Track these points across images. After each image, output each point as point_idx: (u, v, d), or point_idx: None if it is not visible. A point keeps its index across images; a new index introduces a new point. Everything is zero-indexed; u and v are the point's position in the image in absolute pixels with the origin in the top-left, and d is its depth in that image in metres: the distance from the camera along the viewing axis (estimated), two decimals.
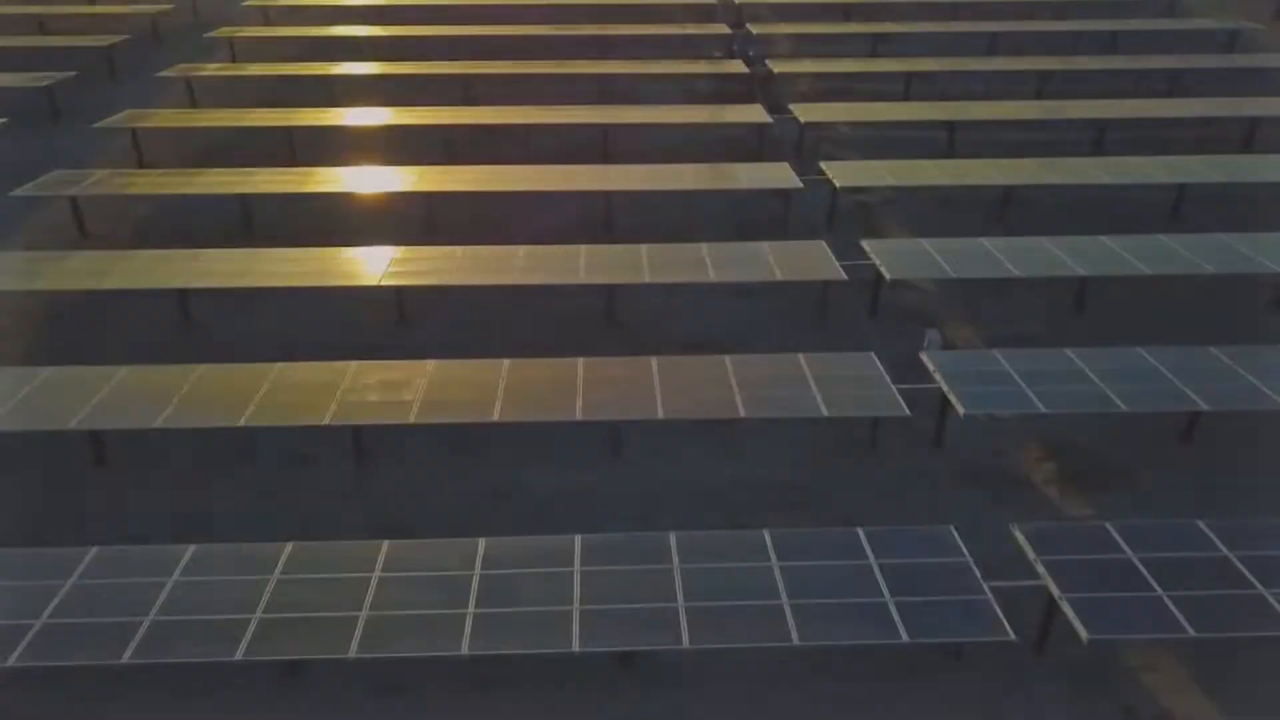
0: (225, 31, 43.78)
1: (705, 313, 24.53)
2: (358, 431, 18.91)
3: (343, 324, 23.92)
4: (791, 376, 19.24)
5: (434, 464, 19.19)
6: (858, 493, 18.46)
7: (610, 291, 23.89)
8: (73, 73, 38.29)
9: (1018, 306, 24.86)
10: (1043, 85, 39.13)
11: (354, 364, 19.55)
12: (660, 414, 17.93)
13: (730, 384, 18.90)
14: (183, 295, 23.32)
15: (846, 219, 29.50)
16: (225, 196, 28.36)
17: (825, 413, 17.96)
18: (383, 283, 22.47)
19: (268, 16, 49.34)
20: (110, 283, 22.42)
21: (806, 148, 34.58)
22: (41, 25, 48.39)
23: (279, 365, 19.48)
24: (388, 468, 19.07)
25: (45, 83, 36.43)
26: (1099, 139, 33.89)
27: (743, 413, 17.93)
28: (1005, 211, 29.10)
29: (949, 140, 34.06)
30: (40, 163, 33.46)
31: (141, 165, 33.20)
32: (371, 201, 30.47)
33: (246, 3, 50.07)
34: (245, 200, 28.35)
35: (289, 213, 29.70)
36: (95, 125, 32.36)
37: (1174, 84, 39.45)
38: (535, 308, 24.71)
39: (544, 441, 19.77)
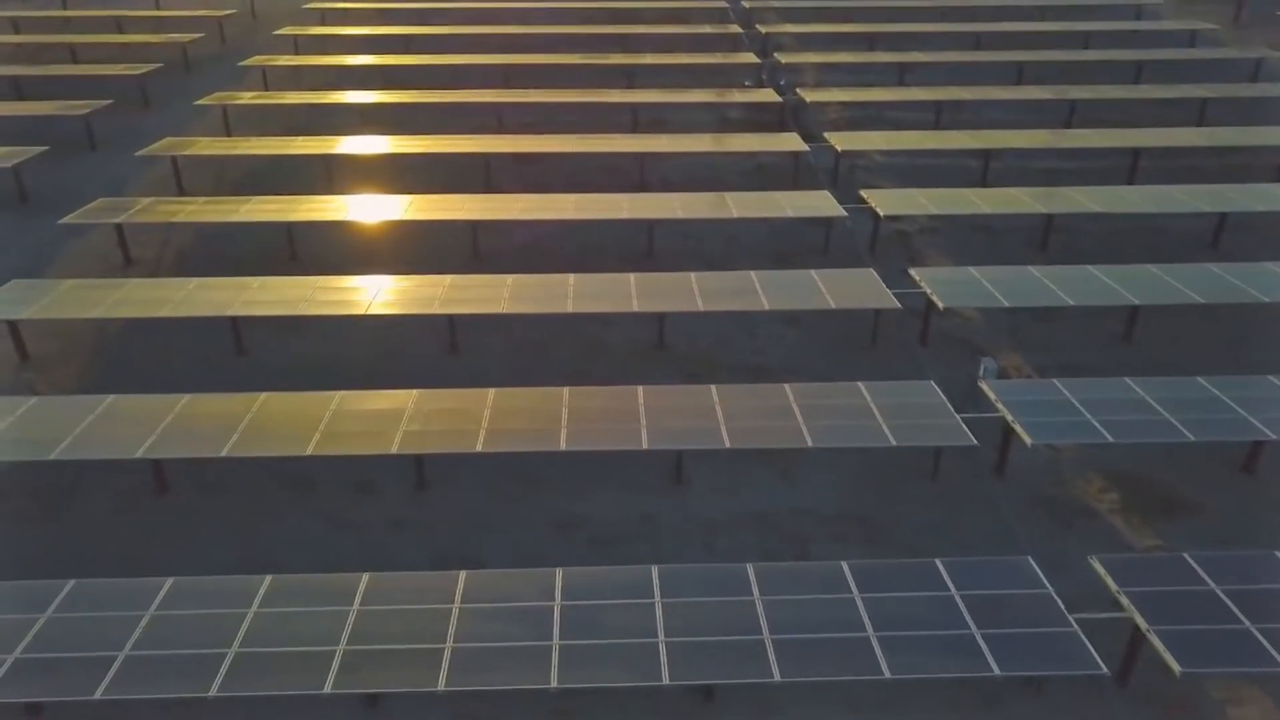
0: (257, 60, 44.14)
1: (753, 339, 24.54)
2: (419, 459, 18.88)
3: (393, 351, 23.93)
4: (854, 405, 19.21)
5: (494, 492, 19.12)
6: (923, 522, 18.37)
7: (660, 319, 23.91)
8: (109, 101, 38.58)
9: (1065, 334, 24.85)
10: (1071, 114, 39.34)
11: (415, 392, 19.55)
12: (727, 443, 17.89)
13: (794, 412, 18.87)
14: (234, 322, 23.33)
15: (886, 246, 29.59)
16: (268, 224, 28.45)
17: (893, 442, 17.91)
18: (438, 311, 22.49)
19: (297, 46, 49.79)
20: (166, 311, 22.46)
21: (840, 175, 34.74)
22: (74, 54, 48.81)
23: (340, 393, 19.47)
24: (449, 496, 19.00)
25: (84, 111, 36.70)
26: (1132, 167, 34.03)
27: (810, 442, 17.88)
28: (1045, 239, 29.16)
29: (983, 168, 34.21)
30: (82, 189, 33.70)
31: (181, 192, 33.39)
32: (413, 229, 30.59)
33: (277, 32, 50.50)
34: (289, 228, 28.47)
35: (331, 240, 29.82)
36: (138, 154, 32.56)
37: (1202, 113, 39.66)
38: (584, 335, 24.73)
39: (603, 469, 19.73)
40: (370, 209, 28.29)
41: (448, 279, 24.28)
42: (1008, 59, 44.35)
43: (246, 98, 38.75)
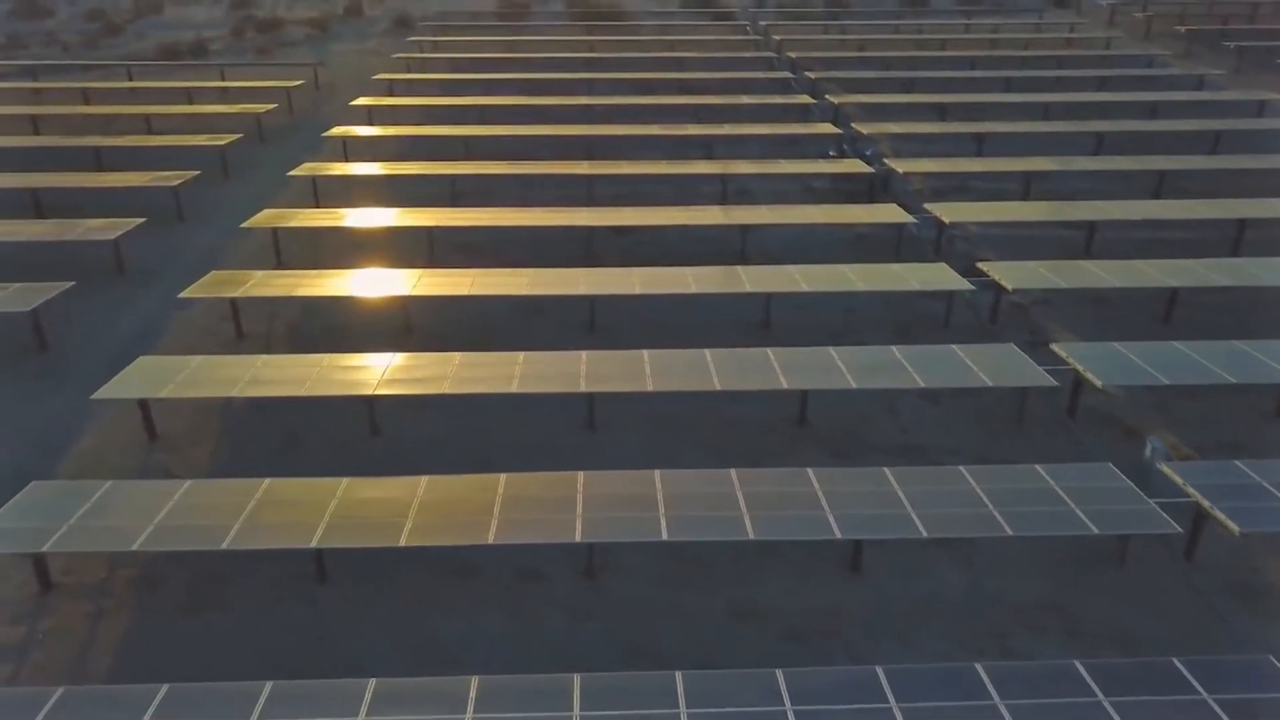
0: (339, 131, 44.43)
1: (895, 417, 23.91)
2: (589, 545, 18.19)
3: (527, 428, 23.36)
4: (1039, 490, 18.52)
5: (666, 579, 18.38)
6: (1123, 612, 17.53)
7: (802, 395, 23.34)
8: (198, 171, 38.71)
9: (1213, 411, 24.17)
10: (1160, 185, 39.17)
11: (581, 474, 18.94)
12: (923, 532, 17.18)
13: (980, 498, 18.18)
14: (370, 401, 22.82)
15: (1004, 319, 29.06)
16: (383, 297, 28.11)
17: (1095, 530, 17.19)
18: (583, 389, 21.96)
19: (370, 116, 50.20)
20: (306, 389, 21.99)
21: (942, 247, 34.44)
22: (149, 124, 49.29)
23: (504, 476, 18.86)
24: (621, 584, 18.26)
25: (175, 182, 36.78)
26: (1237, 238, 33.70)
27: (1010, 531, 17.16)
28: (1169, 312, 28.63)
29: (1085, 239, 33.91)
30: (176, 261, 33.49)
31: (280, 264, 33.19)
32: (528, 303, 30.12)
33: (352, 102, 50.99)
34: (405, 301, 28.15)
35: (442, 313, 29.44)
36: (243, 225, 32.45)
37: None
38: (720, 410, 24.14)
39: (773, 554, 19.01)
40: (488, 283, 27.95)
41: (583, 355, 23.80)
42: (1087, 129, 44.40)
43: (336, 169, 38.82)
